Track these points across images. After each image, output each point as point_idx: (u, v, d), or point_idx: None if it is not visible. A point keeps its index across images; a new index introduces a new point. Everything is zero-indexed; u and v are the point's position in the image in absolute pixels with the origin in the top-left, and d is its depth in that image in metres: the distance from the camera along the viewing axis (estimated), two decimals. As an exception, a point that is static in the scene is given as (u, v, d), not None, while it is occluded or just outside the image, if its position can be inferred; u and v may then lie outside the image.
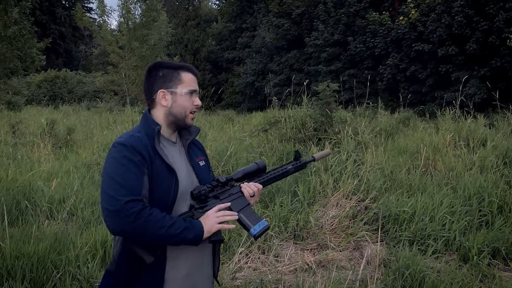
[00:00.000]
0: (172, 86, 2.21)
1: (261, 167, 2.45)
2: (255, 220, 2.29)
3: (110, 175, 2.02)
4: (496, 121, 10.19)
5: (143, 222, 1.93)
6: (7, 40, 18.53)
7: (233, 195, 2.30)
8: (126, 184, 1.98)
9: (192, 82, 2.26)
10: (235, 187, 2.34)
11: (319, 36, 28.80)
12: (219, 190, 2.28)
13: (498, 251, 4.92)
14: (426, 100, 23.36)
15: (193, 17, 43.45)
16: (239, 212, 2.26)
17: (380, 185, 6.25)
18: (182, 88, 2.22)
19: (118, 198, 1.94)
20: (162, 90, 2.20)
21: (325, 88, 8.95)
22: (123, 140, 2.07)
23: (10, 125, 12.06)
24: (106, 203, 1.96)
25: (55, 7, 50.31)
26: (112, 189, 1.97)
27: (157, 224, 1.96)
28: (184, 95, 2.22)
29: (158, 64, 2.28)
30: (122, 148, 2.05)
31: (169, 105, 2.21)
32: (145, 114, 2.25)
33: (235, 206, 2.26)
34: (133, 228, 1.93)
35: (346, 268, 4.64)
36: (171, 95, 2.21)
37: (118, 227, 1.95)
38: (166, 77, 2.21)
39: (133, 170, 2.02)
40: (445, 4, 22.35)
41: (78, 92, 33.88)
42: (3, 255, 4.10)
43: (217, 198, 2.24)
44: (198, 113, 21.24)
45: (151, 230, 1.96)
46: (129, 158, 2.02)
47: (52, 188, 5.82)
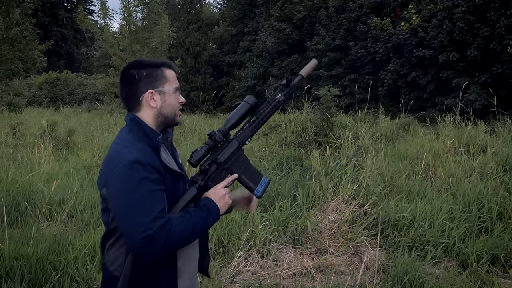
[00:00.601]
0: (160, 85, 2.07)
1: (252, 104, 2.24)
2: (257, 180, 2.23)
3: (132, 200, 1.84)
4: (496, 128, 10.19)
5: (173, 237, 1.84)
6: (9, 41, 18.54)
7: (233, 154, 2.18)
8: (152, 206, 1.84)
9: (175, 79, 2.13)
10: (232, 142, 2.20)
11: (320, 40, 28.84)
12: (216, 150, 2.16)
13: (497, 258, 4.91)
14: (426, 106, 23.37)
15: (195, 20, 43.45)
16: (241, 174, 2.18)
17: (379, 191, 6.26)
18: (169, 86, 2.09)
19: (149, 225, 1.79)
20: (151, 91, 2.04)
21: (326, 92, 8.96)
22: (136, 157, 1.88)
23: (10, 127, 12.08)
24: (136, 233, 1.80)
25: (57, 9, 50.45)
26: (138, 215, 1.81)
27: (184, 232, 1.89)
28: (171, 93, 2.09)
29: (137, 63, 2.10)
30: (139, 167, 1.87)
31: (158, 105, 2.06)
32: (136, 120, 2.06)
33: (236, 167, 2.18)
34: (168, 247, 1.85)
35: (345, 273, 4.64)
36: (159, 95, 2.06)
37: (156, 253, 1.83)
38: (152, 76, 2.06)
39: (155, 189, 1.88)
40: (446, 10, 22.39)
41: (79, 94, 33.90)
42: (2, 256, 4.10)
43: (217, 162, 2.14)
44: (198, 116, 21.28)
45: (181, 240, 1.89)
46: (148, 178, 1.87)
47: (52, 190, 5.81)
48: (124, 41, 26.91)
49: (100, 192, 2.00)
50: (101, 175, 2.00)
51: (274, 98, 2.33)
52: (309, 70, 2.45)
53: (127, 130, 2.06)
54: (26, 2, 19.52)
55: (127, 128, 2.07)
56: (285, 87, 2.35)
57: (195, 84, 39.52)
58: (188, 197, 2.05)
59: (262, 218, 5.39)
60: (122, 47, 27.11)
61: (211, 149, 2.13)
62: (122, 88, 2.12)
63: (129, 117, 2.09)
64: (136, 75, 2.05)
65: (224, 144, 2.18)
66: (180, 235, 1.87)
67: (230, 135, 2.23)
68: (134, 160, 1.87)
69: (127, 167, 1.86)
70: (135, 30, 27.40)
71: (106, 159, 1.99)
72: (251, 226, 5.09)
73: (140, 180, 1.85)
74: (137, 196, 1.84)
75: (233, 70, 40.58)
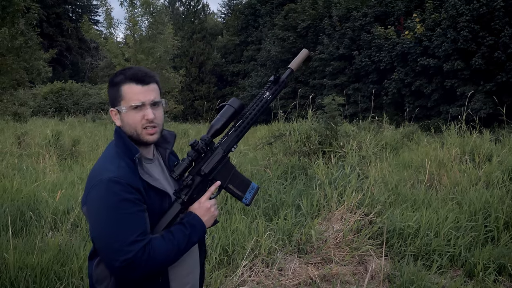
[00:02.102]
0: (116, 104, 1.97)
1: (237, 107, 2.11)
2: (245, 187, 2.14)
3: (109, 223, 1.77)
4: (502, 137, 10.16)
5: (155, 260, 1.79)
6: (14, 51, 18.64)
7: (217, 165, 2.08)
8: (130, 230, 1.77)
9: (137, 95, 1.94)
10: (217, 151, 2.09)
11: (324, 50, 28.92)
12: (200, 161, 2.06)
13: (504, 268, 4.87)
14: (431, 114, 23.37)
15: (199, 30, 43.67)
16: (227, 184, 2.10)
17: (384, 199, 6.23)
18: (125, 104, 1.94)
19: (127, 250, 1.73)
20: (112, 109, 1.99)
21: (330, 101, 8.97)
22: (114, 176, 1.80)
23: (16, 136, 12.10)
24: (114, 258, 1.74)
25: (62, 19, 50.74)
26: (116, 239, 1.75)
27: (166, 253, 1.83)
28: (128, 112, 1.94)
29: (110, 80, 2.03)
30: (117, 187, 1.79)
31: (121, 124, 1.98)
32: (120, 133, 1.99)
33: (222, 177, 2.09)
34: (151, 270, 1.80)
35: (350, 282, 4.61)
36: (119, 113, 1.97)
37: (137, 276, 1.78)
38: (111, 95, 1.99)
39: (134, 210, 1.80)
40: (450, 19, 22.43)
41: (84, 104, 33.99)
42: (7, 266, 4.10)
43: (201, 174, 2.05)
44: (203, 125, 21.26)
45: (164, 261, 1.84)
46: (127, 199, 1.79)
47: (57, 199, 5.82)
48: (128, 50, 27.01)
49: (83, 210, 1.93)
50: (85, 189, 1.93)
51: (262, 97, 2.18)
52: (299, 62, 2.31)
53: (114, 143, 2.01)
54: (31, 13, 19.65)
55: (114, 141, 2.02)
56: (273, 84, 2.21)
57: (199, 93, 39.64)
58: (171, 214, 1.97)
59: (266, 227, 5.37)
60: (127, 56, 27.20)
61: (194, 161, 2.03)
62: None
63: (115, 127, 2.04)
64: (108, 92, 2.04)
65: (208, 154, 2.08)
66: (162, 257, 1.82)
67: (214, 143, 2.12)
68: (113, 179, 1.80)
69: (105, 186, 1.79)
70: (139, 40, 27.52)
71: (89, 175, 1.93)
72: (255, 235, 5.07)
73: (117, 203, 1.78)
74: (114, 218, 1.77)
75: (237, 79, 40.73)
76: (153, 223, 1.90)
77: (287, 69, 2.29)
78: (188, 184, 2.01)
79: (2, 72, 18.56)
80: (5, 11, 17.77)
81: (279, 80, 2.21)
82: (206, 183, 2.07)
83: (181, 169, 1.98)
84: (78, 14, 53.74)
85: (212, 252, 4.77)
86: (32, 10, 19.83)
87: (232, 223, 5.39)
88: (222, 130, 2.11)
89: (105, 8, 27.80)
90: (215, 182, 2.08)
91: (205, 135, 2.08)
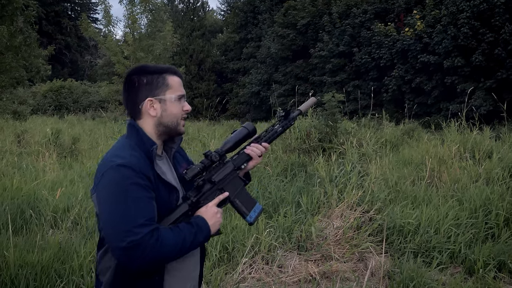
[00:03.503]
0: (160, 93, 1.98)
1: (250, 130, 2.25)
2: (250, 205, 2.21)
3: (118, 204, 1.76)
4: (502, 133, 10.16)
5: (161, 248, 1.77)
6: (13, 49, 18.61)
7: (228, 176, 2.16)
8: (139, 212, 1.76)
9: (180, 86, 2.04)
10: (228, 164, 2.19)
11: (324, 47, 28.89)
12: (211, 170, 2.13)
13: (504, 265, 4.87)
14: (431, 111, 23.36)
15: (198, 27, 43.58)
16: (234, 197, 2.15)
17: (384, 197, 6.23)
18: (171, 94, 2.00)
19: (135, 231, 1.71)
20: (150, 99, 1.97)
21: (330, 98, 8.96)
22: (126, 162, 1.81)
23: (15, 135, 12.12)
24: (119, 240, 1.71)
25: (61, 17, 50.65)
26: (124, 220, 1.73)
27: (173, 244, 1.81)
28: (174, 102, 2.00)
29: (139, 69, 2.03)
30: (128, 171, 1.79)
31: (158, 114, 1.98)
32: (134, 127, 2.00)
33: (230, 189, 2.15)
34: (154, 257, 1.76)
35: (350, 279, 4.62)
36: (160, 103, 1.98)
37: (141, 263, 1.74)
38: (152, 84, 1.98)
39: (144, 195, 1.80)
40: (451, 16, 22.40)
41: (83, 102, 33.98)
42: (7, 264, 4.10)
43: (211, 181, 2.09)
44: (203, 123, 21.29)
45: (169, 252, 1.81)
46: (137, 183, 1.79)
47: (57, 197, 5.82)
48: (128, 48, 27.00)
49: (92, 199, 1.94)
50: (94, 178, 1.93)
51: (272, 128, 2.41)
52: (308, 107, 2.63)
53: (125, 136, 2.02)
54: (30, 11, 19.61)
55: (125, 134, 2.04)
56: (284, 119, 2.46)
57: (199, 91, 39.62)
58: (179, 212, 1.98)
59: (266, 224, 5.37)
60: (126, 54, 27.18)
61: (206, 168, 2.08)
62: (123, 94, 2.07)
63: (128, 121, 2.05)
64: (137, 82, 1.99)
65: (220, 165, 2.16)
66: (168, 247, 1.80)
67: (226, 157, 2.22)
68: (124, 164, 1.80)
69: (115, 170, 1.80)
70: (139, 38, 27.49)
71: (99, 165, 1.92)
72: (255, 233, 5.07)
73: (128, 185, 1.78)
74: (123, 200, 1.76)
75: (237, 77, 40.69)
76: (159, 216, 1.90)
77: (297, 110, 2.55)
78: (199, 186, 2.05)
79: (1, 71, 18.51)
80: (4, 9, 17.73)
81: (289, 116, 2.47)
82: (215, 192, 2.11)
83: (194, 172, 2.01)
84: (77, 12, 53.65)
85: (212, 249, 4.77)
86: (31, 8, 19.79)
87: (232, 220, 5.39)
88: (234, 148, 2.21)
89: (104, 6, 27.76)
90: (223, 192, 2.12)
91: (219, 149, 2.17)
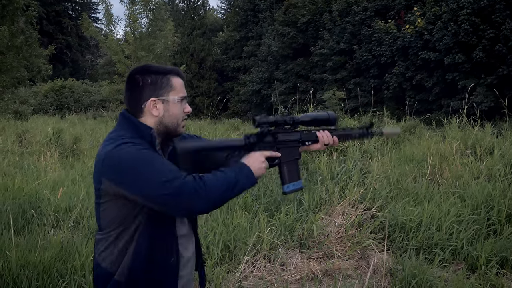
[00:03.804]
0: (164, 94, 2.01)
1: (331, 118, 2.30)
2: (294, 177, 2.23)
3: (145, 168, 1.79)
4: (503, 130, 10.14)
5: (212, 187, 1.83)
6: (14, 49, 18.63)
7: (290, 142, 2.21)
8: (169, 166, 1.84)
9: (182, 88, 2.07)
10: (296, 133, 2.24)
11: (325, 45, 28.84)
12: (280, 129, 2.20)
13: (507, 261, 4.87)
14: (432, 108, 23.31)
15: (199, 26, 43.57)
16: (284, 163, 2.20)
17: (386, 194, 6.23)
18: (174, 95, 2.03)
19: (176, 176, 1.79)
20: (153, 99, 1.99)
21: (331, 96, 8.96)
22: (129, 140, 1.87)
23: (17, 134, 12.12)
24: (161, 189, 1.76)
25: (62, 17, 50.67)
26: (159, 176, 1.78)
27: (219, 185, 1.87)
28: (176, 103, 2.03)
29: (143, 68, 2.05)
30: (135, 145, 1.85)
31: (160, 114, 2.01)
32: (128, 117, 2.02)
33: (285, 154, 2.19)
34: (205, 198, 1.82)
35: (352, 277, 4.62)
36: (162, 103, 2.00)
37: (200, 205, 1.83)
38: (156, 84, 2.00)
39: (158, 154, 1.89)
40: (451, 12, 22.35)
41: (85, 102, 34.00)
42: (9, 264, 4.11)
43: (274, 136, 2.17)
44: (204, 121, 21.29)
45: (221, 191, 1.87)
46: (145, 147, 1.86)
47: (58, 197, 5.83)
48: (128, 47, 26.98)
49: (95, 186, 1.96)
50: (95, 169, 1.96)
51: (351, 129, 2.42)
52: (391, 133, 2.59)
53: (117, 129, 2.02)
54: (31, 11, 19.62)
55: (117, 126, 2.03)
56: (365, 128, 2.43)
57: (200, 90, 39.59)
58: (233, 141, 2.10)
59: (268, 222, 5.37)
60: (127, 53, 27.17)
61: (277, 124, 2.17)
62: (125, 93, 2.07)
63: (121, 112, 2.07)
64: (141, 81, 2.00)
65: (289, 130, 2.22)
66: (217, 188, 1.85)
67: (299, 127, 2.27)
68: (127, 141, 1.86)
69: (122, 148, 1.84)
70: (139, 37, 27.47)
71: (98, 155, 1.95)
72: (257, 231, 5.07)
73: (144, 153, 1.83)
74: (149, 163, 1.81)
75: (238, 75, 40.64)
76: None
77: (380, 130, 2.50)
78: (263, 133, 2.13)
79: (3, 71, 18.55)
80: (5, 9, 17.76)
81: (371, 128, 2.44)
82: (271, 148, 2.16)
83: (265, 120, 2.12)
84: (78, 11, 53.66)
85: (214, 248, 4.77)
86: (32, 8, 19.80)
87: (234, 218, 5.39)
88: (308, 123, 2.29)
89: (105, 5, 27.72)
90: (278, 152, 2.17)
91: (296, 116, 2.24)
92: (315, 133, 2.29)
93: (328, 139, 2.29)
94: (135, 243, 1.93)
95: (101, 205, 1.97)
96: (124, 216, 1.92)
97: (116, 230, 1.95)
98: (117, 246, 1.96)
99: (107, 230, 1.98)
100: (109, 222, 1.97)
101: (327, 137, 2.29)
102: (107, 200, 1.94)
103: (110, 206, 1.94)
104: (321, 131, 2.30)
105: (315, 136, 2.29)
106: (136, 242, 1.93)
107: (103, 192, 1.93)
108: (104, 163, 1.87)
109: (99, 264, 2.02)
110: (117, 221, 1.94)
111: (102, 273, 2.01)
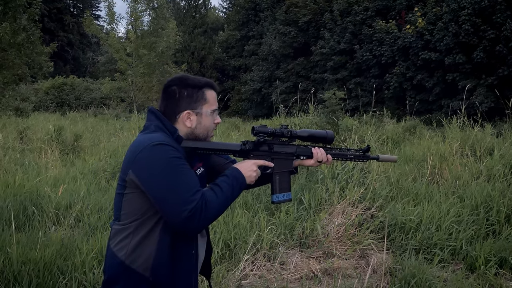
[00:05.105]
0: (198, 107, 2.12)
1: (329, 137, 2.38)
2: (284, 188, 2.30)
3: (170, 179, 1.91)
4: (503, 130, 10.14)
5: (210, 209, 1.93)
6: (16, 47, 18.61)
7: (285, 154, 2.29)
8: (189, 182, 1.93)
9: (215, 100, 2.18)
10: (292, 146, 2.31)
11: (326, 44, 28.86)
12: (277, 141, 2.28)
13: (506, 261, 4.89)
14: (432, 108, 23.32)
15: (200, 25, 43.61)
16: (278, 172, 2.27)
17: (386, 194, 6.24)
18: (207, 108, 2.14)
19: (191, 199, 1.89)
20: (188, 111, 2.11)
21: (331, 96, 8.96)
22: (162, 141, 1.96)
23: (18, 132, 12.13)
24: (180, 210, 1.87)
25: (64, 14, 50.65)
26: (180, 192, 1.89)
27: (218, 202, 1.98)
28: (208, 116, 2.15)
29: (181, 80, 2.16)
30: (167, 148, 1.94)
31: (193, 126, 2.12)
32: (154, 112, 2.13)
33: (278, 165, 2.27)
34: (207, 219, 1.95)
35: (352, 276, 4.63)
36: (196, 116, 2.12)
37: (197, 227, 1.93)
38: (192, 97, 2.12)
39: (186, 166, 1.97)
40: (452, 13, 22.35)
41: (85, 99, 33.97)
42: (10, 261, 4.12)
43: (270, 146, 2.26)
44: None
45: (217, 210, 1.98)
46: (176, 156, 1.94)
47: (59, 194, 5.84)
48: (130, 45, 26.97)
49: (121, 177, 2.04)
50: (124, 161, 2.05)
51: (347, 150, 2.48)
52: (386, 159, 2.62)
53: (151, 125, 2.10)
54: (33, 8, 19.61)
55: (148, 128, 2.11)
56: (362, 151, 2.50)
57: (201, 88, 39.50)
58: (230, 146, 2.19)
59: (268, 221, 5.39)
60: (129, 51, 27.15)
61: (274, 135, 2.25)
62: (161, 101, 2.17)
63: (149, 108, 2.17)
64: (177, 93, 2.12)
65: (285, 142, 2.30)
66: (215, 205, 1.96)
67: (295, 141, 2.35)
68: (163, 143, 1.94)
69: (155, 148, 1.93)
70: (141, 35, 27.45)
71: (130, 148, 2.04)
72: (257, 230, 5.08)
73: (170, 159, 1.92)
74: (173, 174, 1.91)
75: (239, 74, 40.67)
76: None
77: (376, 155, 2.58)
78: (259, 142, 2.22)
79: (4, 67, 18.54)
80: (7, 6, 17.74)
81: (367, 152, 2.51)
82: (266, 157, 2.25)
83: (262, 130, 2.21)
84: (80, 9, 53.65)
85: (214, 246, 4.79)
86: (34, 5, 19.79)
87: (234, 217, 5.40)
88: (306, 139, 2.37)
89: (108, 2, 27.71)
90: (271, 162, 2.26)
91: (294, 130, 2.31)
92: (310, 149, 2.37)
93: (322, 157, 2.36)
94: (159, 234, 2.00)
95: (124, 195, 2.04)
96: (146, 208, 1.99)
97: (136, 222, 2.02)
98: (135, 238, 2.01)
99: (127, 221, 2.04)
100: (131, 213, 2.03)
101: (321, 154, 2.36)
102: (132, 191, 2.01)
103: (134, 197, 2.01)
104: (317, 148, 2.38)
105: (310, 152, 2.37)
106: (160, 234, 2.00)
107: (128, 183, 2.00)
108: (138, 156, 1.96)
109: (115, 254, 2.05)
110: (139, 212, 2.01)
111: (116, 263, 2.04)
